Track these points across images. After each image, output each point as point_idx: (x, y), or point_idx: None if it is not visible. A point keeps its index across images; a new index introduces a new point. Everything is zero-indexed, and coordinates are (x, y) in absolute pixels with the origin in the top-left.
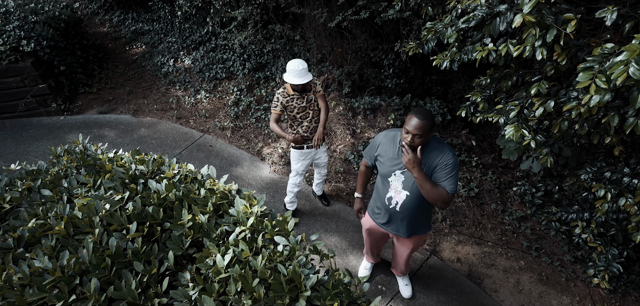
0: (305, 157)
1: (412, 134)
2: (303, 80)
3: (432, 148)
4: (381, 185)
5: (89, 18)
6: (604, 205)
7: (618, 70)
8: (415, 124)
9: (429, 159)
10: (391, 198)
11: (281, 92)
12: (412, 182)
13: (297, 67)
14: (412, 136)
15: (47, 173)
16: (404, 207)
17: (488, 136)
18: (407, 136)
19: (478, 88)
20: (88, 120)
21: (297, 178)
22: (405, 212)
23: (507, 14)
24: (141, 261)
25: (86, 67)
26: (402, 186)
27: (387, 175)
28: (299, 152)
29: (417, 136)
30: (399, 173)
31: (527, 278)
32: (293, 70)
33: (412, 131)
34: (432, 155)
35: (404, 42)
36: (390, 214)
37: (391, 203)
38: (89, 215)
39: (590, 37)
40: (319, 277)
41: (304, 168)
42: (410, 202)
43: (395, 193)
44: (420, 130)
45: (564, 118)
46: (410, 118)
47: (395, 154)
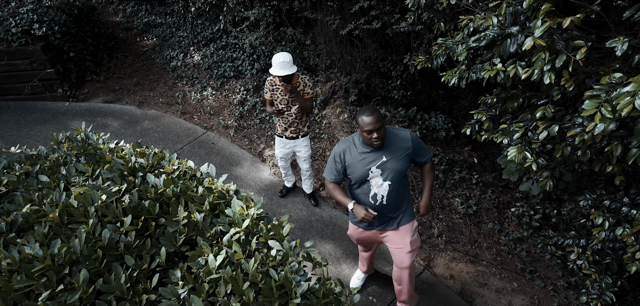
0: (284, 146)
1: (375, 129)
2: (284, 71)
3: (391, 135)
4: (361, 190)
5: (103, 6)
6: (601, 233)
7: (624, 100)
8: (373, 119)
9: (398, 147)
10: (376, 195)
11: (270, 79)
12: (390, 170)
13: (281, 59)
14: (376, 131)
15: (47, 159)
16: (390, 196)
17: (490, 155)
18: (373, 134)
19: (484, 106)
20: (93, 108)
21: (281, 162)
22: (391, 200)
23: (518, 36)
24: (133, 256)
25: (95, 55)
26: (383, 178)
27: (364, 176)
28: (279, 140)
29: (380, 128)
30: (375, 169)
31: (519, 300)
32: (276, 62)
33: (374, 126)
34: (396, 143)
35: (414, 55)
36: (379, 211)
37: (376, 199)
38: (85, 204)
39: (599, 65)
40: (310, 285)
41: (283, 155)
42: (393, 189)
43: (378, 188)
44: (379, 122)
45: (567, 144)
46: (365, 119)
47: (362, 157)
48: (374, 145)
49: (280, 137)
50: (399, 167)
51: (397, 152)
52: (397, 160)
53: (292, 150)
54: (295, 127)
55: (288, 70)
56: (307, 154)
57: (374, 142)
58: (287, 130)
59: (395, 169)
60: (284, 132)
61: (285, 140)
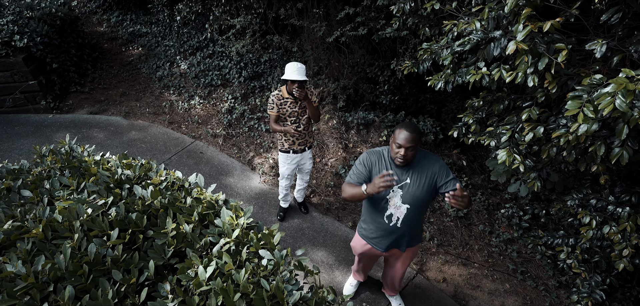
0: (291, 161)
1: (404, 147)
2: (303, 76)
3: (422, 160)
4: (376, 207)
5: (86, 17)
6: (589, 232)
7: (605, 101)
8: (407, 137)
9: (424, 172)
10: (391, 215)
11: (276, 94)
12: (411, 194)
13: (297, 65)
14: (405, 149)
15: (29, 173)
16: (406, 220)
17: (479, 157)
18: (400, 150)
19: (470, 109)
20: (77, 120)
21: (284, 182)
22: (406, 225)
23: (501, 40)
24: (120, 270)
25: (79, 66)
26: (402, 200)
27: (384, 194)
28: (286, 156)
29: (410, 149)
30: (396, 189)
31: (511, 301)
32: (294, 69)
33: (404, 144)
34: (425, 167)
35: (400, 60)
36: (391, 232)
37: (391, 220)
38: (70, 219)
39: (580, 67)
40: (302, 294)
41: (290, 172)
42: (411, 214)
43: (395, 209)
44: (412, 142)
45: (552, 145)
46: (400, 132)
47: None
48: (396, 161)
49: (287, 152)
50: (420, 195)
51: (422, 178)
52: (420, 187)
53: (297, 165)
54: (304, 139)
55: (304, 76)
56: (311, 166)
57: (398, 159)
58: (296, 144)
59: (416, 196)
60: (291, 145)
61: (292, 155)
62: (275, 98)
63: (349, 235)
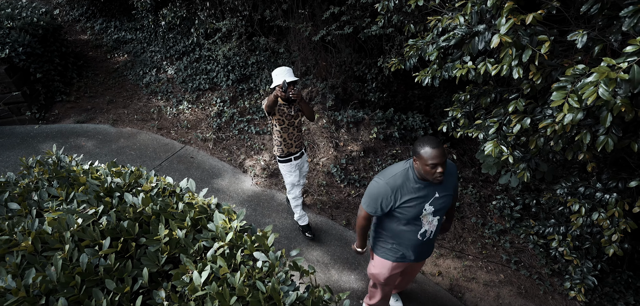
0: (295, 167)
1: (440, 164)
2: (292, 77)
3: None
4: (409, 227)
5: (69, 25)
6: (579, 219)
7: (588, 90)
8: (439, 153)
9: (448, 180)
10: (425, 231)
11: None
12: (440, 205)
13: (285, 69)
14: (441, 165)
15: (16, 186)
16: (436, 230)
17: (468, 150)
18: (437, 169)
19: (458, 103)
20: (64, 130)
21: (296, 190)
22: (436, 233)
23: (485, 34)
24: (113, 279)
25: (64, 75)
26: (433, 215)
27: (417, 215)
28: (289, 165)
29: (445, 162)
30: (428, 206)
31: (507, 291)
32: (282, 72)
33: (439, 160)
34: (449, 175)
35: (387, 57)
36: (423, 244)
37: (425, 236)
38: (60, 230)
39: (563, 57)
40: (299, 294)
41: (298, 178)
42: (439, 222)
43: (428, 225)
44: (444, 156)
45: (540, 135)
46: (428, 151)
47: (417, 193)
48: (436, 180)
49: (289, 161)
50: (448, 203)
51: (448, 186)
52: (447, 195)
53: (300, 169)
54: (300, 141)
55: (294, 75)
56: (307, 168)
57: (438, 177)
58: (293, 146)
59: (445, 206)
60: (290, 149)
61: (294, 161)
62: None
63: (343, 233)
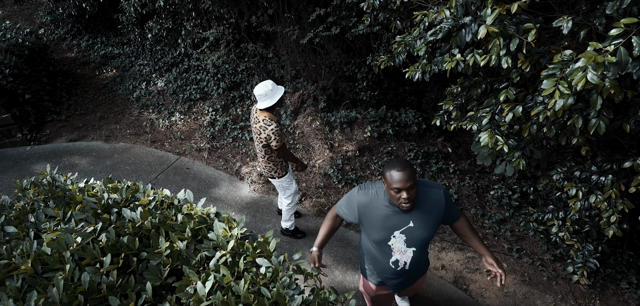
0: (293, 177)
1: (405, 189)
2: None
3: (424, 195)
4: (379, 251)
5: (55, 44)
6: (577, 203)
7: (578, 76)
8: (403, 176)
9: (429, 209)
10: (397, 261)
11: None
12: (415, 237)
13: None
14: (406, 191)
15: (12, 209)
16: (413, 262)
17: (463, 143)
18: (402, 194)
19: (450, 96)
20: (57, 149)
21: (296, 197)
22: (415, 265)
23: (471, 25)
24: (117, 296)
25: (53, 94)
26: (406, 245)
27: (384, 239)
28: (289, 176)
29: (411, 188)
30: (398, 235)
31: (511, 279)
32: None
33: (403, 185)
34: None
35: (376, 55)
36: (400, 275)
37: (399, 265)
38: (59, 250)
39: (550, 44)
40: (304, 297)
41: (296, 185)
42: (417, 255)
43: (400, 254)
44: (411, 179)
45: (532, 122)
46: (392, 173)
47: (385, 216)
48: (402, 207)
49: (288, 173)
50: (426, 235)
51: (427, 216)
52: (426, 227)
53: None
54: None
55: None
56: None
57: (403, 204)
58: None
59: (423, 238)
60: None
61: (291, 171)
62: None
63: (344, 233)
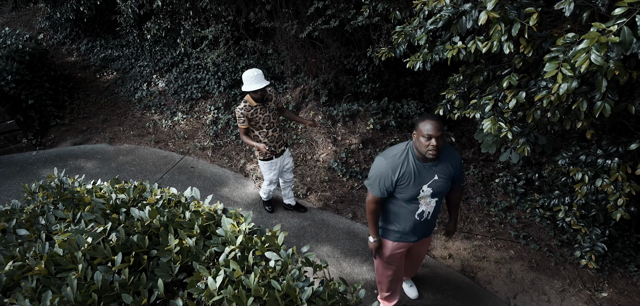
0: (276, 166)
1: (435, 137)
2: (260, 85)
3: (445, 151)
4: (408, 207)
5: (55, 48)
6: (583, 188)
7: (581, 58)
8: (435, 126)
9: (448, 164)
10: (423, 212)
11: (243, 106)
12: (438, 188)
13: (253, 74)
14: (436, 139)
15: (22, 212)
16: (435, 211)
17: (466, 132)
18: (431, 141)
19: (452, 85)
20: (62, 153)
21: (272, 186)
22: (434, 214)
23: (472, 12)
24: (130, 293)
25: (56, 99)
26: (431, 195)
27: (414, 196)
28: (269, 163)
29: (440, 138)
30: (426, 188)
31: (518, 266)
32: (250, 78)
33: (434, 133)
34: (449, 159)
35: (376, 47)
36: (422, 225)
37: (423, 216)
38: (71, 250)
39: (552, 28)
40: (314, 289)
41: (277, 175)
42: (438, 204)
43: (426, 206)
44: (441, 130)
45: (536, 108)
46: (425, 124)
47: (417, 173)
48: (428, 154)
49: (271, 159)
50: (445, 187)
51: (447, 169)
52: (446, 180)
53: (281, 167)
54: (282, 141)
55: (264, 82)
56: (292, 164)
57: (430, 151)
58: (278, 147)
59: (444, 189)
60: (274, 151)
61: (275, 159)
62: (244, 110)
63: (351, 226)
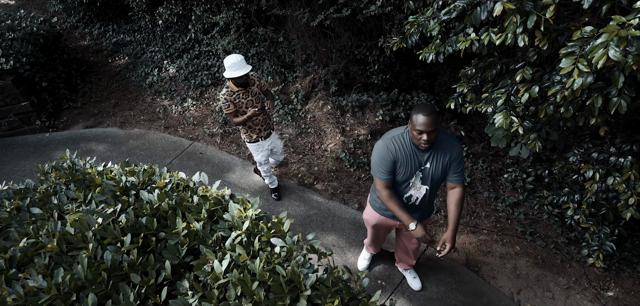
0: (264, 148)
1: (426, 132)
2: (242, 71)
3: (442, 141)
4: (398, 188)
5: (68, 32)
6: (594, 186)
7: (598, 53)
8: (426, 121)
9: (443, 155)
10: (411, 196)
11: (225, 92)
12: (429, 175)
13: (235, 60)
14: (427, 134)
15: (36, 191)
16: (424, 199)
17: (476, 126)
18: (422, 136)
19: (464, 78)
20: (74, 136)
21: (265, 166)
22: (424, 203)
23: (487, 2)
24: (138, 273)
25: (69, 82)
26: (422, 182)
27: (407, 178)
28: (256, 145)
29: (432, 132)
30: (417, 173)
31: (523, 262)
32: (232, 65)
33: (425, 129)
34: (445, 150)
35: (387, 37)
36: (408, 209)
37: (410, 200)
38: (82, 230)
39: (569, 21)
40: (318, 276)
41: (265, 156)
42: (429, 194)
43: (415, 191)
44: (433, 125)
45: (549, 103)
46: (418, 117)
47: (410, 156)
48: (421, 146)
49: (257, 141)
50: (438, 177)
51: (441, 160)
52: (439, 168)
53: (269, 149)
54: (267, 123)
55: (245, 68)
56: (282, 146)
57: (422, 144)
58: (263, 131)
59: (435, 178)
60: (260, 133)
61: (262, 142)
62: (227, 96)
63: (357, 216)
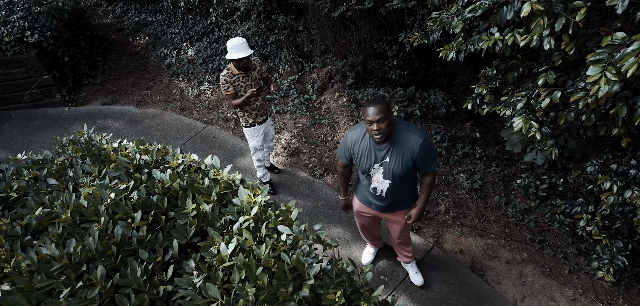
0: (259, 133)
1: (374, 122)
2: (244, 53)
3: (400, 134)
4: (364, 179)
5: (92, 9)
6: (610, 198)
7: (629, 61)
8: (373, 111)
9: (404, 149)
10: (375, 188)
11: (226, 73)
12: (391, 170)
13: (237, 42)
14: (376, 124)
15: (53, 163)
16: (389, 192)
17: (492, 128)
18: (372, 126)
19: (484, 79)
20: (92, 111)
21: (258, 153)
22: (390, 195)
23: (514, 2)
24: (146, 250)
25: (90, 59)
26: (383, 176)
27: (367, 170)
28: (253, 129)
29: (380, 121)
30: (377, 167)
31: (530, 270)
32: (233, 47)
33: (373, 118)
34: (406, 145)
35: (409, 32)
36: (377, 199)
37: (376, 191)
38: (95, 203)
39: (599, 26)
40: (323, 266)
41: (260, 142)
42: (393, 187)
43: (378, 183)
44: (380, 114)
45: (570, 110)
46: (367, 111)
47: (369, 149)
48: (374, 138)
49: (253, 126)
50: (399, 171)
51: (401, 156)
52: (399, 164)
53: (264, 134)
54: (263, 109)
55: (247, 51)
56: (274, 132)
57: (374, 135)
58: (259, 116)
59: (396, 172)
60: (256, 118)
61: (258, 126)
62: (227, 77)
63: None
